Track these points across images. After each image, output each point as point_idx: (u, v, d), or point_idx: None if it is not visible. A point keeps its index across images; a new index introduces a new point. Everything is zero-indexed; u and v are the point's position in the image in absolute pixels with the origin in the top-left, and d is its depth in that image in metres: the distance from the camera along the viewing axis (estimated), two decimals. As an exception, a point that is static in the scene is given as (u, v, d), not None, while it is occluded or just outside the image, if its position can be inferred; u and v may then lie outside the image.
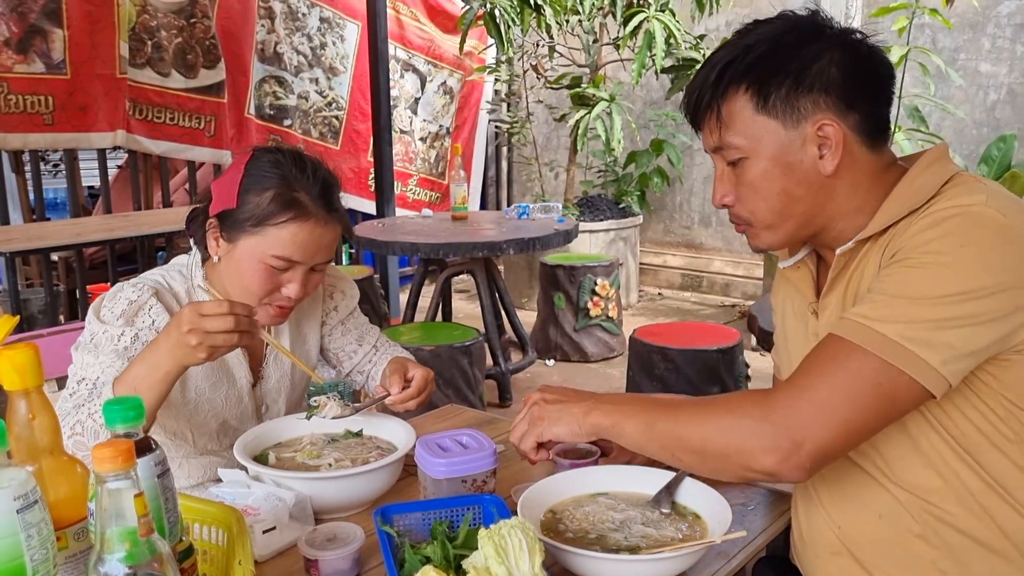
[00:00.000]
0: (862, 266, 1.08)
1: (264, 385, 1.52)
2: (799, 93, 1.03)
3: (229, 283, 1.42)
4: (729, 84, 1.06)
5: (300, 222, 1.35)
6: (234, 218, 1.37)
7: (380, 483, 1.26)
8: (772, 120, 1.05)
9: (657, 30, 4.46)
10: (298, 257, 1.36)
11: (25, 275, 4.71)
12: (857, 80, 1.05)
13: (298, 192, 1.36)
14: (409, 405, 1.44)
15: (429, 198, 6.09)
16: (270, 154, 1.41)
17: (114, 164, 5.48)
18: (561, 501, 1.18)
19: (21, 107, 4.17)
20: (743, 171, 1.08)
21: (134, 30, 4.54)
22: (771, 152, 1.06)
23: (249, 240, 1.36)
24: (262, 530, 1.13)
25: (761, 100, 1.04)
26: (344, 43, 5.41)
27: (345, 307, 1.63)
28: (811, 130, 1.04)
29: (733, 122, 1.07)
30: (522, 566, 0.90)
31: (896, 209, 1.04)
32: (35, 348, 0.81)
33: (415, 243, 3.56)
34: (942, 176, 1.04)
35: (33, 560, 0.73)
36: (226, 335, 1.21)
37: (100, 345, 1.32)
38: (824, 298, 1.14)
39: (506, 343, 4.22)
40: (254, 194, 1.36)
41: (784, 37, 1.06)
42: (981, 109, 4.72)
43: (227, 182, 1.39)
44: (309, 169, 1.40)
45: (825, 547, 1.16)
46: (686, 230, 5.96)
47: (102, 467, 0.70)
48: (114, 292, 1.38)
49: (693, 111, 1.11)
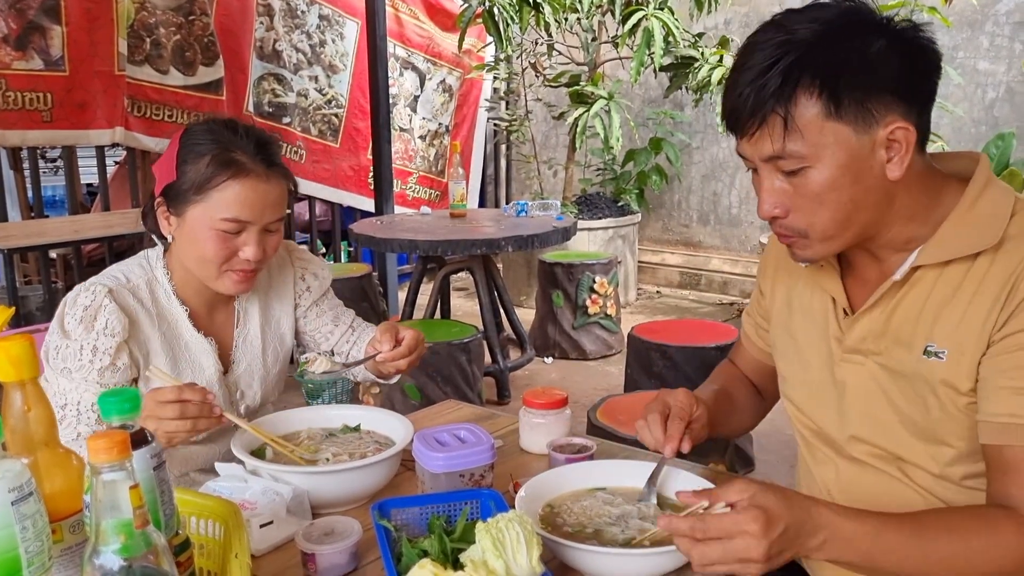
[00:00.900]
0: (915, 293, 1.05)
1: (235, 370, 1.53)
2: (873, 95, 0.95)
3: (187, 258, 1.42)
4: (797, 87, 0.94)
5: (241, 179, 1.36)
6: (177, 190, 1.38)
7: (378, 477, 1.26)
8: (843, 125, 0.96)
9: (656, 28, 4.46)
10: (246, 216, 1.37)
11: (23, 272, 4.71)
12: (920, 77, 0.99)
13: (234, 151, 1.37)
14: (400, 364, 1.44)
15: (428, 196, 6.09)
16: (203, 124, 1.42)
17: (112, 161, 5.47)
18: (559, 495, 1.18)
19: (19, 104, 4.16)
20: (804, 181, 0.99)
21: (133, 27, 4.53)
22: (841, 160, 0.97)
23: (196, 209, 1.37)
24: (259, 524, 1.13)
25: (833, 104, 0.94)
26: (343, 41, 5.40)
27: (318, 287, 1.64)
28: (883, 134, 0.97)
29: (801, 129, 0.95)
30: (520, 559, 0.90)
31: (963, 241, 1.01)
32: (30, 339, 0.80)
33: (414, 240, 3.56)
34: (1007, 201, 1.01)
35: (28, 552, 0.73)
36: (177, 422, 1.19)
37: (70, 365, 1.34)
38: (863, 314, 1.10)
39: (505, 341, 4.22)
40: (192, 163, 1.37)
41: (844, 31, 0.96)
42: (980, 107, 4.72)
43: (165, 159, 1.40)
44: (242, 130, 1.41)
45: None
46: (684, 228, 5.96)
47: (97, 458, 0.69)
48: (72, 298, 1.37)
49: (747, 117, 0.98)
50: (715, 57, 4.59)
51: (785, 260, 1.22)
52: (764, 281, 1.31)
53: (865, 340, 1.10)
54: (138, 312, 1.41)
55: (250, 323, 1.55)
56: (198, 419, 1.22)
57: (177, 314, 1.45)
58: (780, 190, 1.02)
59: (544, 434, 1.41)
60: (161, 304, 1.45)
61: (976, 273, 1.01)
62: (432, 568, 0.90)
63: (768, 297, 1.30)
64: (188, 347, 1.46)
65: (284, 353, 1.62)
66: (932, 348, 1.03)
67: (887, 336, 1.07)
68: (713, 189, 5.75)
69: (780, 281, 1.26)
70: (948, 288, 1.03)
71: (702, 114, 5.50)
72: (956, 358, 1.01)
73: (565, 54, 5.19)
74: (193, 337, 1.46)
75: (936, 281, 1.04)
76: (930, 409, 1.04)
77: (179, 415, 1.20)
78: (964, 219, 1.02)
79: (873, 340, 1.09)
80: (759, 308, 1.34)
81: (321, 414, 1.44)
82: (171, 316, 1.45)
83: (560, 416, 1.42)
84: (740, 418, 1.38)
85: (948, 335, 1.02)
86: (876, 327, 1.08)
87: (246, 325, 1.55)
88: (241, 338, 1.54)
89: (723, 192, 5.70)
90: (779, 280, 1.26)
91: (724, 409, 1.30)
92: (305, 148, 5.37)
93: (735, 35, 5.11)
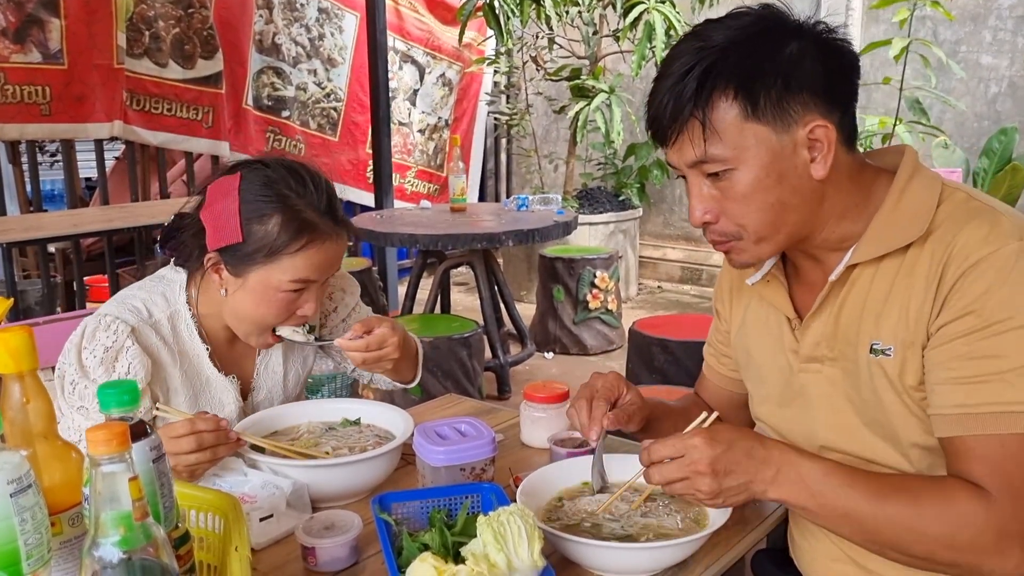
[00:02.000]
0: (856, 291, 1.05)
1: (254, 398, 1.49)
2: (789, 95, 0.97)
3: (239, 314, 1.35)
4: (713, 91, 0.97)
5: (316, 245, 1.29)
6: (241, 252, 1.28)
7: (378, 471, 1.25)
8: (762, 126, 0.97)
9: (657, 21, 4.44)
10: (315, 277, 1.32)
11: (22, 266, 4.70)
12: (838, 77, 1.01)
13: (304, 212, 1.28)
14: (355, 357, 1.36)
15: (427, 190, 6.08)
16: (260, 172, 1.30)
17: (111, 155, 5.46)
18: (560, 489, 1.18)
19: (18, 97, 4.15)
20: (730, 184, 1.01)
21: (132, 20, 4.52)
22: (762, 160, 0.98)
23: (261, 271, 1.29)
24: (259, 518, 1.12)
25: (750, 105, 0.96)
26: (342, 34, 5.39)
27: (345, 306, 1.58)
28: (803, 133, 0.98)
29: (720, 132, 0.98)
30: (521, 553, 0.90)
31: (893, 235, 1.01)
32: (29, 331, 0.80)
33: (414, 235, 3.55)
34: (932, 192, 1.02)
35: (27, 545, 0.72)
36: (197, 454, 1.16)
37: (87, 405, 1.27)
38: (811, 319, 1.10)
39: (505, 336, 4.21)
40: (258, 223, 1.27)
41: (758, 35, 0.99)
42: (982, 102, 4.71)
43: (222, 213, 1.28)
44: (310, 183, 1.31)
45: (825, 554, 1.16)
46: (685, 223, 5.95)
47: (96, 450, 0.69)
48: (92, 331, 1.29)
49: (668, 124, 1.01)
50: (716, 51, 4.57)
51: (739, 281, 1.23)
52: (721, 305, 1.31)
53: (819, 346, 1.09)
54: (160, 350, 1.34)
55: (273, 351, 1.49)
56: (216, 447, 1.18)
57: (199, 351, 1.39)
58: (708, 196, 1.03)
59: (545, 428, 1.40)
60: (183, 340, 1.38)
61: (907, 265, 1.01)
62: (433, 562, 0.89)
63: (726, 320, 1.30)
64: (209, 384, 1.41)
65: (305, 373, 1.58)
66: (878, 346, 1.03)
67: (838, 339, 1.07)
68: (714, 184, 5.74)
69: (737, 301, 1.26)
70: (885, 283, 1.03)
71: (703, 108, 5.48)
72: (901, 353, 1.01)
73: (566, 48, 5.17)
74: (214, 375, 1.41)
75: (873, 278, 1.04)
76: (887, 409, 1.03)
77: (196, 447, 1.16)
78: (893, 213, 1.02)
79: (826, 344, 1.08)
80: (718, 336, 1.34)
81: (321, 408, 1.44)
82: (193, 353, 1.39)
83: (561, 410, 1.42)
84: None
85: (891, 331, 1.02)
86: (827, 330, 1.08)
87: (268, 354, 1.49)
88: (263, 365, 1.49)
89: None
90: (736, 301, 1.27)
91: (670, 421, 1.28)
92: (304, 142, 5.36)
93: (736, 29, 5.09)
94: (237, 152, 5.01)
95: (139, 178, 4.88)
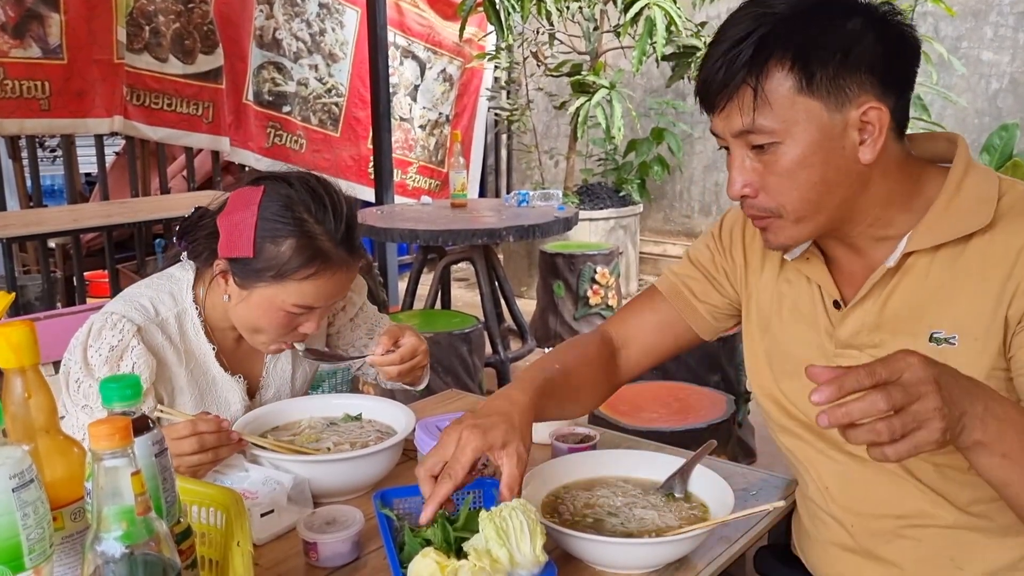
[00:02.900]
0: (908, 280, 1.03)
1: (262, 396, 1.49)
2: (846, 72, 0.94)
3: (240, 323, 1.36)
4: (769, 59, 0.94)
5: (326, 275, 1.28)
6: (250, 267, 1.28)
7: (379, 467, 1.25)
8: (814, 101, 0.95)
9: (658, 17, 4.43)
10: (319, 303, 1.31)
11: (22, 262, 4.70)
12: (898, 61, 0.98)
13: (320, 240, 1.27)
14: (390, 371, 1.36)
15: (428, 185, 6.07)
16: (282, 191, 1.29)
17: (111, 150, 5.45)
18: (561, 485, 1.18)
19: (17, 92, 4.14)
20: (774, 158, 0.98)
21: (132, 15, 4.51)
22: (811, 137, 0.96)
23: (267, 290, 1.29)
24: (260, 513, 1.12)
25: (805, 78, 0.93)
26: (343, 29, 5.38)
27: (353, 305, 1.57)
28: (855, 115, 0.96)
29: (772, 103, 0.95)
30: (523, 548, 0.90)
31: (953, 224, 1.00)
32: (31, 326, 0.79)
33: (414, 230, 3.54)
34: (992, 182, 1.01)
35: (29, 539, 0.72)
36: (199, 455, 1.16)
37: (91, 404, 1.27)
38: (855, 308, 1.07)
39: (505, 331, 4.21)
40: (271, 243, 1.26)
41: (821, 7, 0.96)
42: (983, 98, 4.70)
43: (238, 224, 1.28)
44: (330, 208, 1.29)
45: (832, 542, 1.15)
46: (686, 219, 5.95)
47: (99, 444, 0.69)
48: (98, 329, 1.29)
49: (718, 89, 0.98)
50: (717, 47, 4.56)
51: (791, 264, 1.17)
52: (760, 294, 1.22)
53: (859, 334, 1.07)
54: (166, 350, 1.34)
55: (282, 353, 1.48)
56: (218, 448, 1.18)
57: (205, 351, 1.39)
58: (750, 168, 1.01)
59: (546, 424, 1.40)
60: (190, 340, 1.38)
61: (973, 255, 1.00)
62: (435, 557, 0.89)
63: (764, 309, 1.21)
64: (215, 384, 1.41)
65: (312, 372, 1.58)
66: (939, 335, 1.01)
67: (883, 328, 1.05)
68: (715, 180, 5.74)
69: (769, 259, 1.20)
70: (945, 273, 1.01)
71: (704, 104, 5.47)
72: (969, 343, 0.99)
73: (567, 43, 5.16)
74: (220, 375, 1.41)
75: (930, 266, 1.02)
76: None
77: (198, 448, 1.16)
78: (952, 202, 1.01)
79: (867, 333, 1.06)
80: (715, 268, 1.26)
81: (322, 403, 1.44)
82: (199, 352, 1.39)
83: (563, 405, 1.41)
84: (575, 407, 1.25)
85: (956, 320, 1.00)
86: (869, 319, 1.06)
87: (277, 355, 1.49)
88: (272, 365, 1.49)
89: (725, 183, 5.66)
90: (765, 287, 1.20)
91: (558, 397, 1.18)
92: (305, 137, 5.35)
93: (737, 25, 5.08)
94: (237, 148, 5.01)
95: (139, 173, 4.87)
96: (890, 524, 1.08)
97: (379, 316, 1.62)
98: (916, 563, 1.07)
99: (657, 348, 1.29)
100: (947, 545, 1.05)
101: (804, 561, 1.23)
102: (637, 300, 1.33)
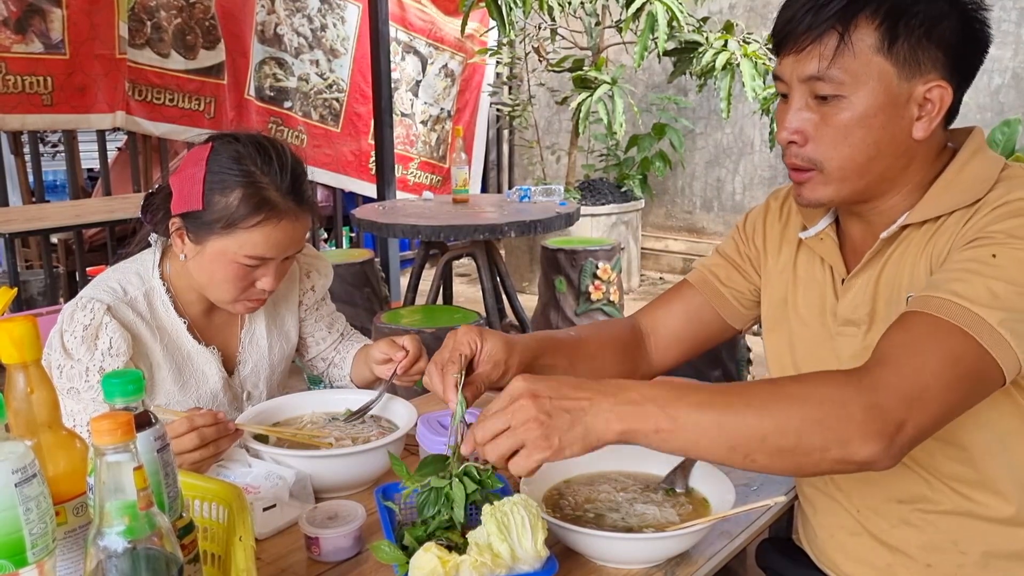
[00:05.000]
0: (900, 252, 1.05)
1: (241, 371, 1.51)
2: (926, 44, 0.96)
3: (200, 281, 1.39)
4: (861, 11, 0.95)
5: (272, 223, 1.32)
6: (201, 220, 1.33)
7: (381, 462, 1.25)
8: (890, 65, 0.96)
9: (660, 12, 4.42)
10: (271, 254, 1.35)
11: (24, 257, 4.70)
12: (971, 49, 1.00)
13: (267, 189, 1.32)
14: (420, 366, 1.43)
15: (430, 181, 6.07)
16: (230, 146, 1.34)
17: (113, 146, 5.46)
18: (562, 480, 1.18)
19: (20, 87, 4.14)
20: (835, 111, 0.99)
21: (134, 10, 4.50)
22: (876, 98, 0.97)
23: (218, 242, 1.33)
24: (262, 508, 1.13)
25: (888, 40, 0.95)
26: (345, 25, 5.37)
27: (321, 287, 1.62)
28: (921, 89, 0.98)
29: (853, 53, 0.96)
30: (524, 543, 0.90)
31: (949, 199, 1.01)
32: (33, 321, 0.80)
33: (416, 226, 3.54)
34: (995, 167, 1.02)
35: (32, 534, 0.72)
36: (200, 450, 1.17)
37: (77, 386, 1.30)
38: (854, 279, 1.09)
39: (507, 327, 4.21)
40: (220, 194, 1.31)
41: None
42: (985, 93, 4.69)
43: (188, 179, 1.33)
44: (275, 161, 1.34)
45: (840, 527, 1.16)
46: (688, 215, 5.94)
47: (101, 440, 0.69)
48: (69, 314, 1.32)
49: (804, 30, 0.98)
50: (719, 42, 4.55)
51: (791, 232, 1.21)
52: (777, 271, 1.25)
53: (857, 308, 1.09)
54: (139, 326, 1.38)
55: (256, 323, 1.53)
56: (218, 441, 1.19)
57: (176, 325, 1.42)
58: (807, 116, 1.01)
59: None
60: (160, 316, 1.41)
61: (954, 224, 1.00)
62: (437, 551, 0.90)
63: (778, 285, 1.24)
64: (190, 358, 1.44)
65: (289, 349, 1.61)
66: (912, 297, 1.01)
67: (878, 298, 1.07)
68: (717, 175, 5.73)
69: (787, 243, 1.23)
70: (928, 243, 1.03)
71: (706, 100, 5.47)
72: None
73: (568, 39, 5.15)
74: (195, 348, 1.44)
75: (922, 241, 1.04)
76: None
77: (199, 443, 1.16)
78: (952, 181, 1.02)
79: (864, 307, 1.08)
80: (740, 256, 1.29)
81: (324, 398, 1.44)
82: (171, 328, 1.42)
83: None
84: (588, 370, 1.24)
85: (924, 282, 1.00)
86: (867, 291, 1.07)
87: (251, 325, 1.53)
88: (248, 339, 1.52)
89: (727, 178, 5.68)
90: (784, 264, 1.23)
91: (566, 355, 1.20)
92: (306, 133, 5.35)
93: (740, 20, 5.07)
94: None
95: (141, 169, 4.88)
96: (894, 508, 1.09)
97: (337, 314, 1.68)
98: (921, 550, 1.07)
99: (685, 337, 1.32)
100: (950, 529, 1.06)
101: (809, 550, 1.23)
102: (667, 292, 1.37)
